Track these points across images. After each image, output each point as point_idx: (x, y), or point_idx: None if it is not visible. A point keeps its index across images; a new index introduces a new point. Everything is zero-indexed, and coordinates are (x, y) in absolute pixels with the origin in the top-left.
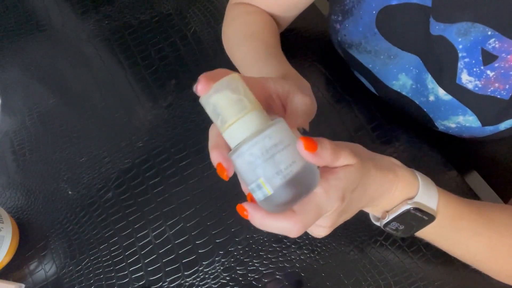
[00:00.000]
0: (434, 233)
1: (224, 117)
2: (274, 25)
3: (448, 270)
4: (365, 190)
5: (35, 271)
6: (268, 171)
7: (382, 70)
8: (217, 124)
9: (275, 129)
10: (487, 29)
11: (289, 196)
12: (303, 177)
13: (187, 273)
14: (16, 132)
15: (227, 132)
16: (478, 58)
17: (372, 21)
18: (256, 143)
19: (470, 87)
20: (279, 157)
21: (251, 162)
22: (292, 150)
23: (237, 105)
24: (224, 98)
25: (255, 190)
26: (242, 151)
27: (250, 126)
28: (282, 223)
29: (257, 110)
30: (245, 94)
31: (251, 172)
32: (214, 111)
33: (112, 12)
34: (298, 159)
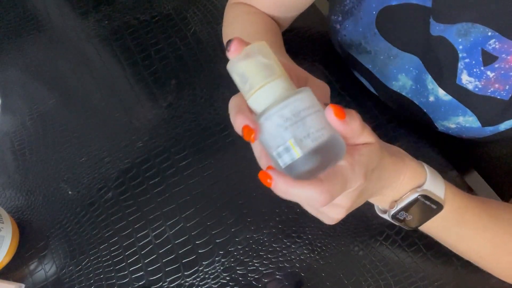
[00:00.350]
0: (439, 226)
1: (254, 81)
2: (275, 25)
3: (448, 270)
4: (380, 173)
5: (35, 271)
6: (299, 133)
7: (382, 71)
8: (244, 89)
9: (305, 94)
10: (487, 30)
11: (318, 161)
12: (332, 145)
13: (187, 273)
14: (16, 132)
15: (255, 95)
16: (478, 59)
17: (372, 22)
18: (287, 105)
19: (470, 87)
20: (309, 120)
21: (280, 124)
22: (322, 116)
23: (267, 70)
24: (255, 62)
25: (282, 154)
26: (272, 113)
27: (280, 90)
28: (308, 190)
29: (285, 76)
30: (275, 61)
31: (279, 135)
32: (243, 75)
33: (112, 12)
34: (327, 127)
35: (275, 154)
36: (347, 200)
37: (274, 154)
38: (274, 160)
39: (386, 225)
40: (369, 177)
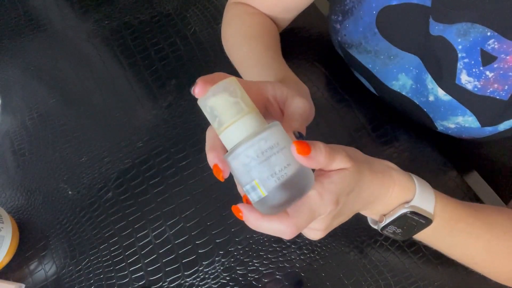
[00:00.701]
0: (431, 236)
1: (221, 119)
2: (274, 27)
3: (448, 270)
4: (360, 194)
5: (35, 271)
6: (263, 173)
7: (382, 70)
8: (214, 126)
9: (271, 132)
10: (487, 30)
11: (283, 198)
12: (298, 180)
13: (187, 273)
14: (16, 132)
15: (223, 134)
16: (477, 59)
17: (372, 21)
18: (251, 145)
19: (469, 87)
20: (274, 159)
21: (246, 164)
22: (288, 152)
23: (234, 108)
24: (221, 100)
25: (250, 192)
26: (237, 153)
27: (246, 128)
28: (275, 224)
29: (253, 113)
30: (242, 97)
31: (246, 174)
32: (211, 113)
33: (112, 12)
34: (293, 162)
35: (245, 190)
36: (321, 224)
37: (244, 190)
38: (246, 193)
39: None
40: (345, 201)
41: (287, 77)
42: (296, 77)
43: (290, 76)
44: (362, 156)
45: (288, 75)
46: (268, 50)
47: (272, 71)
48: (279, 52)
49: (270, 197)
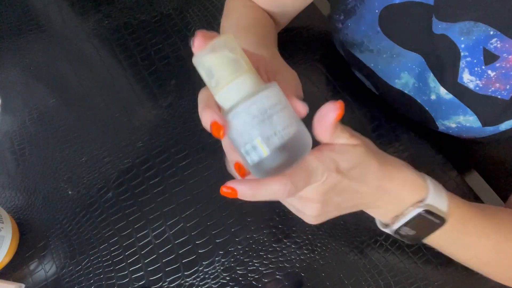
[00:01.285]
0: (441, 237)
1: (220, 76)
2: (270, 21)
3: (448, 270)
4: (365, 176)
5: (35, 271)
6: (266, 131)
7: (385, 69)
8: (211, 85)
9: (272, 90)
10: (489, 29)
11: (284, 158)
12: (297, 141)
13: (187, 273)
14: (16, 132)
15: (222, 92)
16: (480, 58)
17: (374, 20)
18: (254, 102)
19: (471, 86)
20: (276, 118)
21: (247, 122)
22: (288, 113)
23: (234, 65)
24: (221, 56)
25: (250, 152)
26: (239, 111)
27: (247, 86)
28: (273, 184)
29: (253, 72)
30: (242, 55)
31: (246, 133)
32: (209, 70)
33: (112, 12)
34: (294, 123)
35: (243, 151)
36: (316, 193)
37: (242, 151)
38: (242, 157)
39: None
40: (346, 175)
41: (280, 65)
42: (285, 64)
43: (283, 63)
44: (374, 146)
45: (278, 61)
46: (260, 39)
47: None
48: (273, 43)
49: (272, 157)
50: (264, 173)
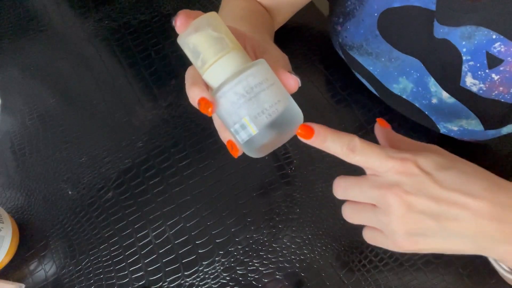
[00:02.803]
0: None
1: (205, 56)
2: (266, 13)
3: (448, 271)
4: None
5: (35, 271)
6: (253, 110)
7: (383, 73)
8: (197, 65)
9: (258, 68)
10: (492, 33)
11: (273, 135)
12: (287, 117)
13: (187, 273)
14: (16, 132)
15: (208, 71)
16: (483, 62)
17: (373, 24)
18: (240, 81)
19: (474, 90)
20: (263, 95)
21: (234, 101)
22: (276, 89)
23: (218, 44)
24: (205, 36)
25: (239, 131)
26: (225, 90)
27: (233, 64)
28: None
29: (238, 49)
30: (226, 33)
31: (234, 112)
32: (194, 50)
33: (112, 12)
34: (283, 99)
35: (233, 130)
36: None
37: (231, 130)
38: (232, 135)
39: None
40: (431, 172)
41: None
42: (279, 49)
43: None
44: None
45: (271, 45)
46: (256, 27)
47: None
48: (268, 32)
49: (261, 134)
50: (255, 150)
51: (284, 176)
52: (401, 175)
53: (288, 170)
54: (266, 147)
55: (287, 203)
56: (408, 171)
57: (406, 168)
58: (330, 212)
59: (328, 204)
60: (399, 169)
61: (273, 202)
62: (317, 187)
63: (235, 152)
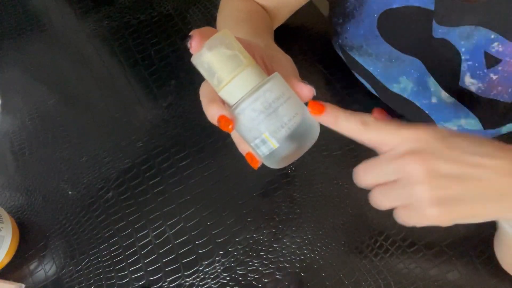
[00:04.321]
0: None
1: (221, 74)
2: (264, 13)
3: (448, 270)
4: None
5: (35, 271)
6: (272, 125)
7: (383, 73)
8: (213, 83)
9: (274, 82)
10: (490, 33)
11: (294, 147)
12: (306, 128)
13: (187, 273)
14: (16, 132)
15: (224, 90)
16: (482, 61)
17: (373, 24)
18: (257, 98)
19: (473, 89)
20: (281, 110)
21: (253, 117)
22: (293, 102)
23: (233, 62)
24: (219, 55)
25: (259, 146)
26: (243, 107)
27: (249, 81)
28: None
29: (253, 65)
30: (239, 50)
31: (254, 128)
32: (209, 69)
33: (112, 12)
34: (300, 111)
35: (253, 145)
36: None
37: (252, 145)
38: (252, 149)
39: (386, 226)
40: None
41: (275, 50)
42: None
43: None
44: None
45: (275, 49)
46: (256, 30)
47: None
48: (268, 34)
49: (281, 148)
50: (277, 162)
51: (284, 176)
52: (417, 142)
53: (288, 170)
54: (287, 158)
55: (287, 203)
56: (423, 138)
57: (421, 135)
58: (330, 212)
59: (328, 204)
60: (414, 137)
61: (273, 202)
62: (317, 187)
63: (255, 164)
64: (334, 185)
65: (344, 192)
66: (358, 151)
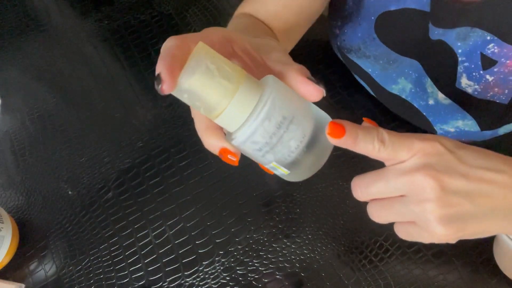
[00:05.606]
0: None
1: (208, 108)
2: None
3: (448, 270)
4: (481, 161)
5: (35, 271)
6: (279, 154)
7: (382, 75)
8: (205, 112)
9: (271, 105)
10: (486, 34)
11: (308, 165)
12: (318, 145)
13: (187, 273)
14: (16, 132)
15: (218, 120)
16: (478, 63)
17: (370, 27)
18: (255, 131)
19: (469, 91)
20: (287, 136)
21: (257, 149)
22: (299, 122)
23: (217, 91)
24: (199, 88)
25: (272, 170)
26: (243, 141)
27: (241, 110)
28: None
29: (242, 85)
30: (221, 73)
31: (261, 158)
32: (193, 104)
33: (112, 12)
34: (308, 130)
35: (267, 167)
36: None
37: (266, 166)
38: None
39: (386, 226)
40: (454, 151)
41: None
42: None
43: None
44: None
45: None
46: (245, 27)
47: None
48: (262, 32)
49: (294, 173)
50: (297, 178)
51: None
52: (429, 156)
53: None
54: (302, 177)
55: (287, 203)
56: (435, 151)
57: (434, 148)
58: (330, 212)
59: (328, 204)
60: (426, 150)
61: (273, 202)
62: (317, 187)
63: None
64: (334, 185)
65: (344, 192)
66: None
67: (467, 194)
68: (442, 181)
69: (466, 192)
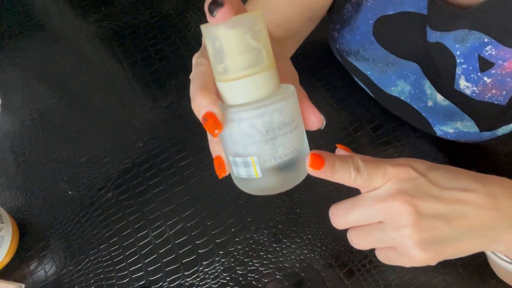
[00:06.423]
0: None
1: (232, 64)
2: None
3: (448, 270)
4: (454, 182)
5: (35, 271)
6: (264, 153)
7: (381, 77)
8: (216, 68)
9: (287, 102)
10: (484, 36)
11: (276, 182)
12: (297, 167)
13: (187, 273)
14: (16, 132)
15: (228, 84)
16: (475, 65)
17: (369, 31)
18: (262, 114)
19: (467, 92)
20: (281, 140)
21: (247, 133)
22: (298, 134)
23: (252, 55)
24: (241, 40)
25: (238, 165)
26: (241, 117)
27: (262, 87)
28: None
29: (272, 69)
30: (265, 44)
31: (242, 145)
32: (220, 51)
33: (112, 12)
34: (299, 147)
35: (231, 160)
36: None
37: (230, 158)
38: (227, 160)
39: None
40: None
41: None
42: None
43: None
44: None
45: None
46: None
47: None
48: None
49: (263, 180)
50: (249, 189)
51: None
52: (402, 181)
53: None
54: (263, 190)
55: (287, 203)
56: (408, 176)
57: (406, 173)
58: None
59: (328, 204)
60: (400, 176)
61: (273, 202)
62: (317, 187)
63: (221, 172)
64: (334, 185)
65: (344, 192)
66: (357, 151)
67: (443, 217)
68: (417, 206)
69: (442, 215)
